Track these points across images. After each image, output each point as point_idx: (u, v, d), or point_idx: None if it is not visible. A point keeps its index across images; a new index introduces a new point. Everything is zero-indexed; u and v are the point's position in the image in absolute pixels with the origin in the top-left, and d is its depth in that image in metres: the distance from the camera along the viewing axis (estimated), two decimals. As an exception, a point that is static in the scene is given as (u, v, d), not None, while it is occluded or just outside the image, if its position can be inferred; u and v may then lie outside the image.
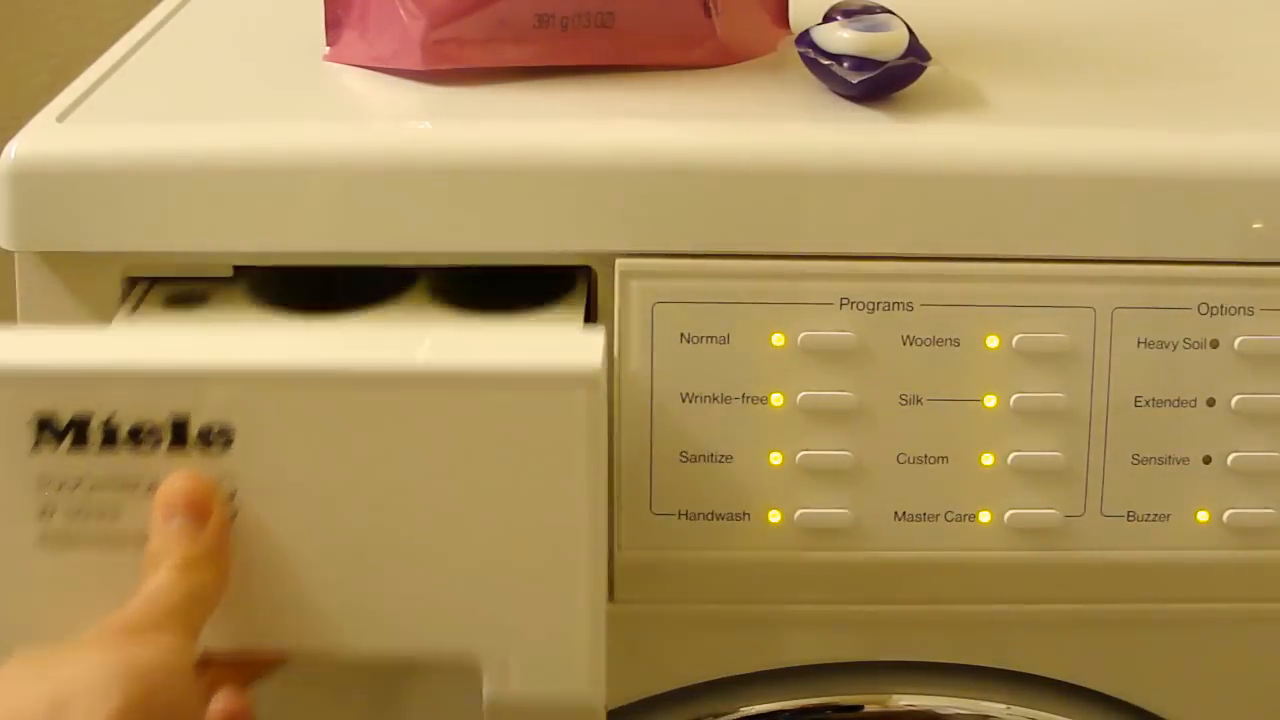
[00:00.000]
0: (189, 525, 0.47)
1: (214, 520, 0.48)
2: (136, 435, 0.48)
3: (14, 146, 0.55)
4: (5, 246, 0.56)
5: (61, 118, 0.57)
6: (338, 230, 0.55)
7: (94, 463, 0.48)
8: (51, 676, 0.42)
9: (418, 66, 0.61)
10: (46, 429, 0.48)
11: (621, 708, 0.60)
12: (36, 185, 0.55)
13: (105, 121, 0.58)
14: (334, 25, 0.65)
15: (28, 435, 0.48)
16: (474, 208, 0.55)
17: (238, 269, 0.57)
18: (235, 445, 0.48)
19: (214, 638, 0.47)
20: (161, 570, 0.46)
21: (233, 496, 0.48)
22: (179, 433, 0.48)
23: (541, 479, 0.48)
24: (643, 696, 0.60)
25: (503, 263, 0.57)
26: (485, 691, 0.50)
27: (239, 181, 0.55)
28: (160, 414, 0.48)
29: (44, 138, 0.56)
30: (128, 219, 0.55)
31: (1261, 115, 0.61)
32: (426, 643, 0.50)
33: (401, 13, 0.61)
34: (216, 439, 0.48)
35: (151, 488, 0.48)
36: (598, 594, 0.50)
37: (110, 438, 0.48)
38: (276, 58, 0.66)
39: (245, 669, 0.50)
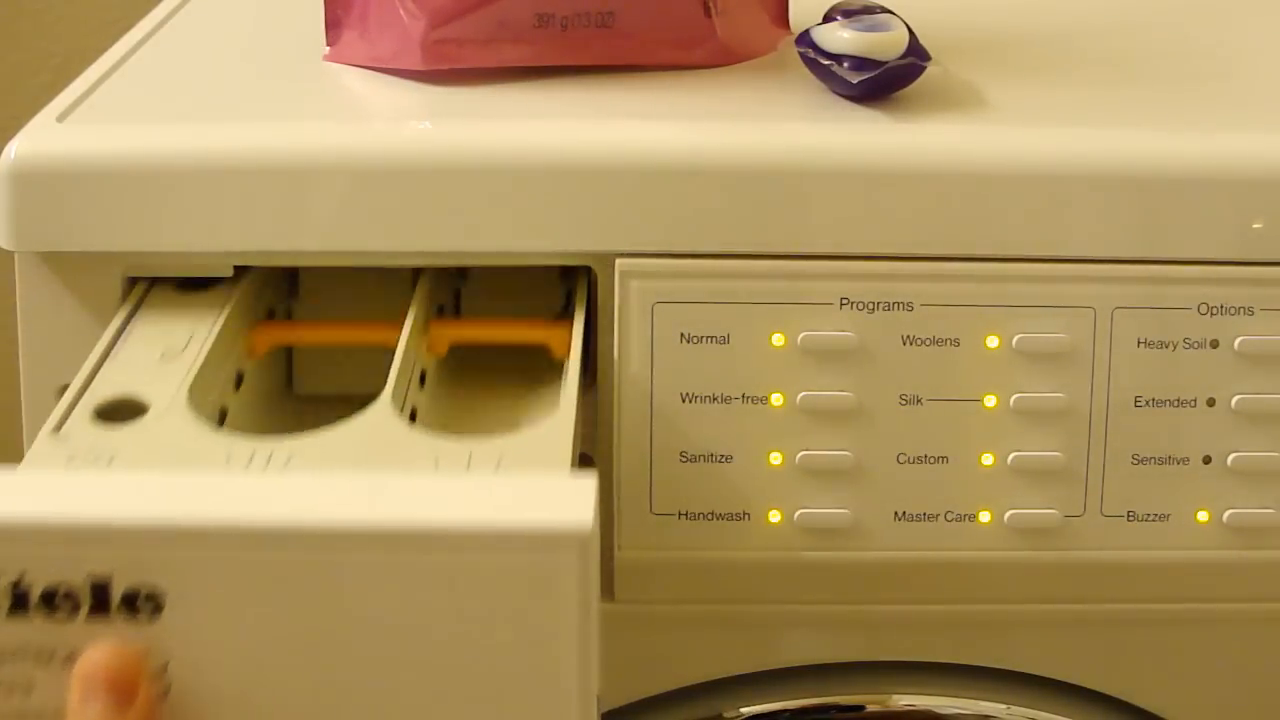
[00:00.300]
0: (111, 707, 0.40)
1: (140, 700, 0.41)
2: (51, 599, 0.40)
3: (14, 146, 0.55)
4: (5, 246, 0.56)
5: (61, 118, 0.57)
6: (338, 230, 0.55)
7: (1, 630, 0.41)
8: None
9: (418, 66, 0.61)
10: None
11: (621, 708, 0.60)
12: (36, 185, 0.55)
13: (105, 121, 0.58)
14: (334, 25, 0.65)
15: None
16: (474, 208, 0.55)
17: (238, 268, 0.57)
18: (165, 612, 0.41)
19: None
20: None
21: (164, 670, 0.41)
22: (100, 597, 0.41)
23: (523, 650, 0.41)
24: (643, 696, 0.60)
25: (503, 263, 0.57)
26: None
27: (239, 181, 0.55)
28: (78, 575, 0.40)
29: (44, 138, 0.56)
30: (128, 219, 0.55)
31: (1261, 115, 0.61)
32: None
33: (401, 13, 0.61)
34: (144, 605, 0.41)
35: (69, 659, 0.41)
36: None
37: (20, 602, 0.40)
38: (276, 58, 0.66)
39: None
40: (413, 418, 0.52)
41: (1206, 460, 0.57)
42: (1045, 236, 0.55)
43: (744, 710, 0.60)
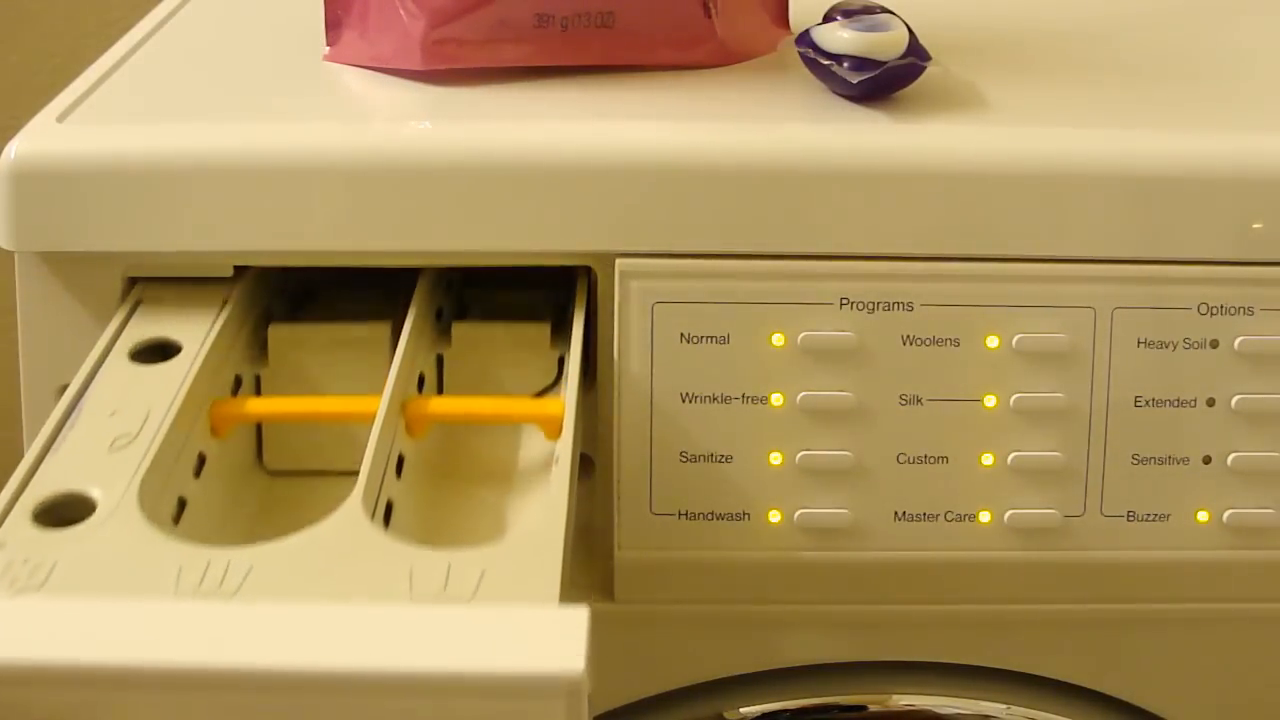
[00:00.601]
0: None
1: None
2: None
3: (14, 146, 0.55)
4: (5, 246, 0.56)
5: (61, 118, 0.57)
6: (338, 230, 0.55)
7: None
8: None
9: (418, 66, 0.61)
10: None
11: (621, 708, 0.60)
12: (36, 185, 0.55)
13: (105, 121, 0.58)
14: (334, 25, 0.65)
15: None
16: (474, 208, 0.55)
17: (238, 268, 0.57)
18: None
19: None
20: None
21: None
22: None
23: None
24: (643, 696, 0.60)
25: (503, 263, 0.57)
26: None
27: (239, 181, 0.55)
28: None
29: (44, 138, 0.56)
30: (128, 219, 0.55)
31: (1261, 115, 0.61)
32: None
33: (401, 13, 0.61)
34: None
35: None
36: None
37: None
38: (276, 58, 0.66)
39: None
40: (388, 514, 0.48)
41: (1206, 460, 0.57)
42: (1045, 236, 0.55)
43: (744, 710, 0.60)
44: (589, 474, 0.58)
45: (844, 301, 0.55)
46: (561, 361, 0.58)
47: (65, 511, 0.45)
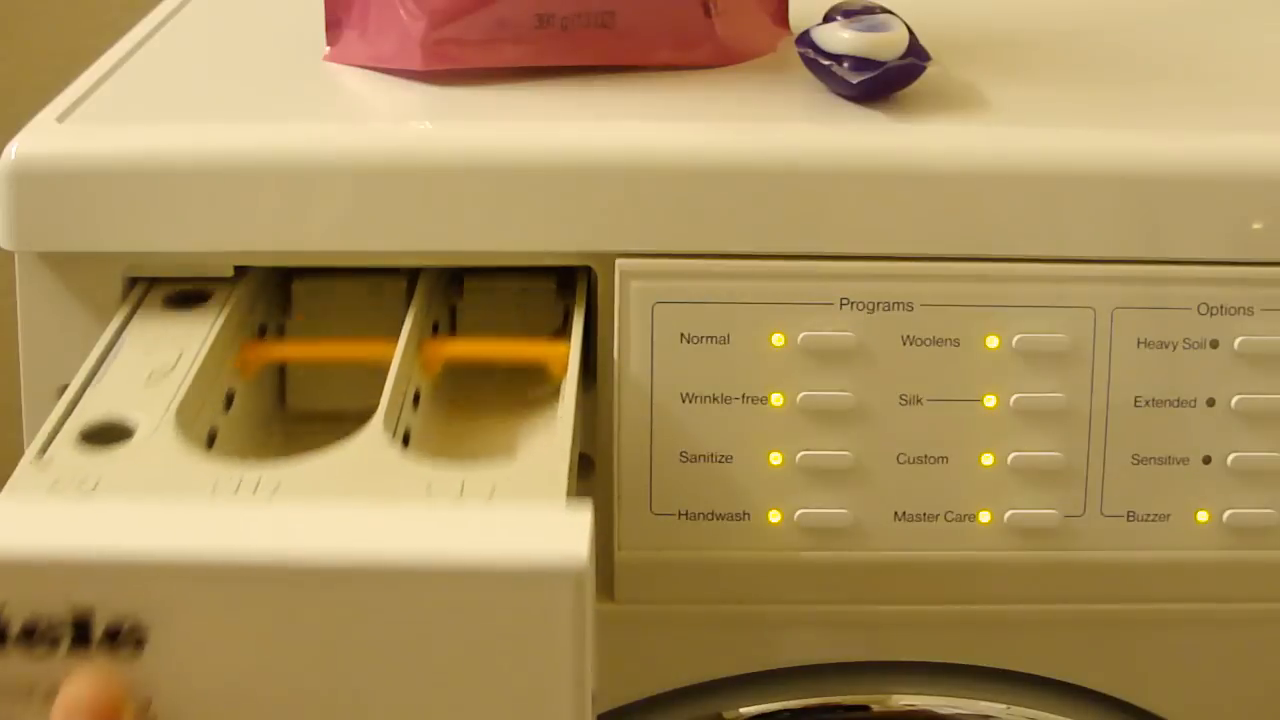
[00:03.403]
0: None
1: None
2: (31, 634, 0.39)
3: (14, 146, 0.55)
4: (5, 246, 0.56)
5: (61, 118, 0.57)
6: (338, 230, 0.55)
7: None
8: None
9: (418, 66, 0.61)
10: None
11: (621, 708, 0.60)
12: (36, 185, 0.55)
13: (105, 121, 0.58)
14: (334, 25, 0.65)
15: None
16: (474, 208, 0.55)
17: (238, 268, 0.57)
18: (149, 647, 0.39)
19: None
20: None
21: (147, 707, 0.40)
22: (82, 631, 0.39)
23: (514, 685, 0.40)
24: (643, 696, 0.60)
25: (503, 263, 0.57)
26: None
27: (239, 181, 0.55)
28: (59, 609, 0.39)
29: (44, 138, 0.56)
30: (128, 219, 0.55)
31: (1261, 115, 0.61)
32: None
33: (401, 13, 0.61)
34: (126, 639, 0.39)
35: (49, 695, 0.39)
36: None
37: None
38: (276, 58, 0.66)
39: None
40: (406, 440, 0.51)
41: (1206, 460, 0.57)
42: (1045, 236, 0.55)
43: (744, 710, 0.60)
44: (589, 474, 0.58)
45: (844, 301, 0.55)
46: (568, 312, 0.58)
47: (107, 435, 0.49)
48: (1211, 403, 0.56)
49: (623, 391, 0.56)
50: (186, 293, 0.56)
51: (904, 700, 0.61)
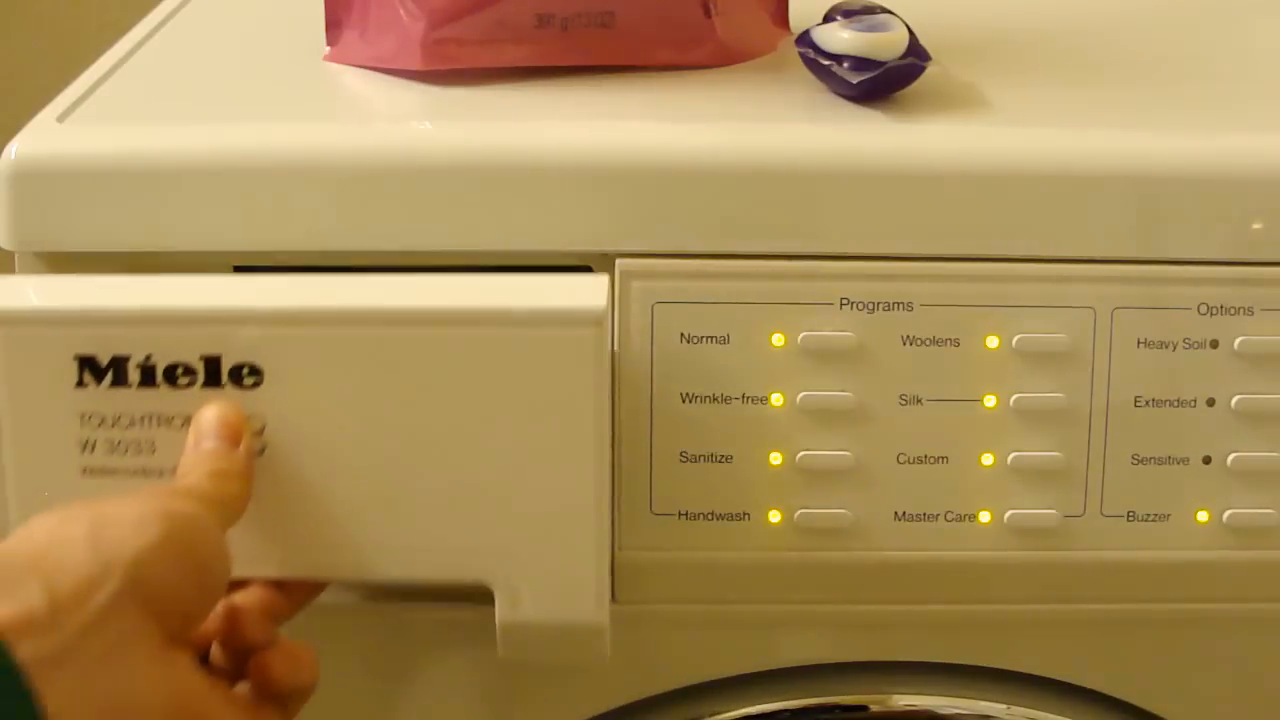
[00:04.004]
0: (221, 446, 0.50)
1: (244, 445, 0.50)
2: (172, 374, 0.50)
3: (14, 146, 0.55)
4: (5, 246, 0.56)
5: (61, 118, 0.57)
6: (338, 230, 0.55)
7: (132, 399, 0.51)
8: (95, 509, 0.44)
9: (418, 66, 0.61)
10: (88, 368, 0.50)
11: (621, 708, 0.60)
12: (36, 185, 0.55)
13: (105, 121, 0.58)
14: (334, 25, 0.65)
15: (71, 373, 0.50)
16: (474, 208, 0.55)
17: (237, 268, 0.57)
18: (265, 383, 0.51)
19: (241, 567, 0.49)
20: (192, 475, 0.49)
21: (261, 431, 0.51)
22: (212, 371, 0.51)
23: (550, 413, 0.51)
24: (642, 696, 0.60)
25: (503, 262, 0.56)
26: (498, 615, 0.53)
27: (239, 181, 0.55)
28: (194, 354, 0.50)
29: (44, 138, 0.56)
30: (128, 219, 0.55)
31: (1261, 115, 0.61)
32: (443, 571, 0.53)
33: (401, 13, 0.61)
34: (247, 377, 0.51)
35: (186, 423, 0.50)
36: (602, 525, 0.52)
37: (148, 376, 0.50)
38: (276, 58, 0.66)
39: (272, 606, 0.52)
40: None
41: (1206, 460, 0.57)
42: (1045, 236, 0.55)
43: (744, 710, 0.60)
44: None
45: (844, 301, 0.55)
46: None
47: None
48: (1211, 403, 0.56)
49: (623, 391, 0.56)
50: None
51: (904, 700, 0.61)
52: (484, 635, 0.55)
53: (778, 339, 0.56)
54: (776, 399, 0.56)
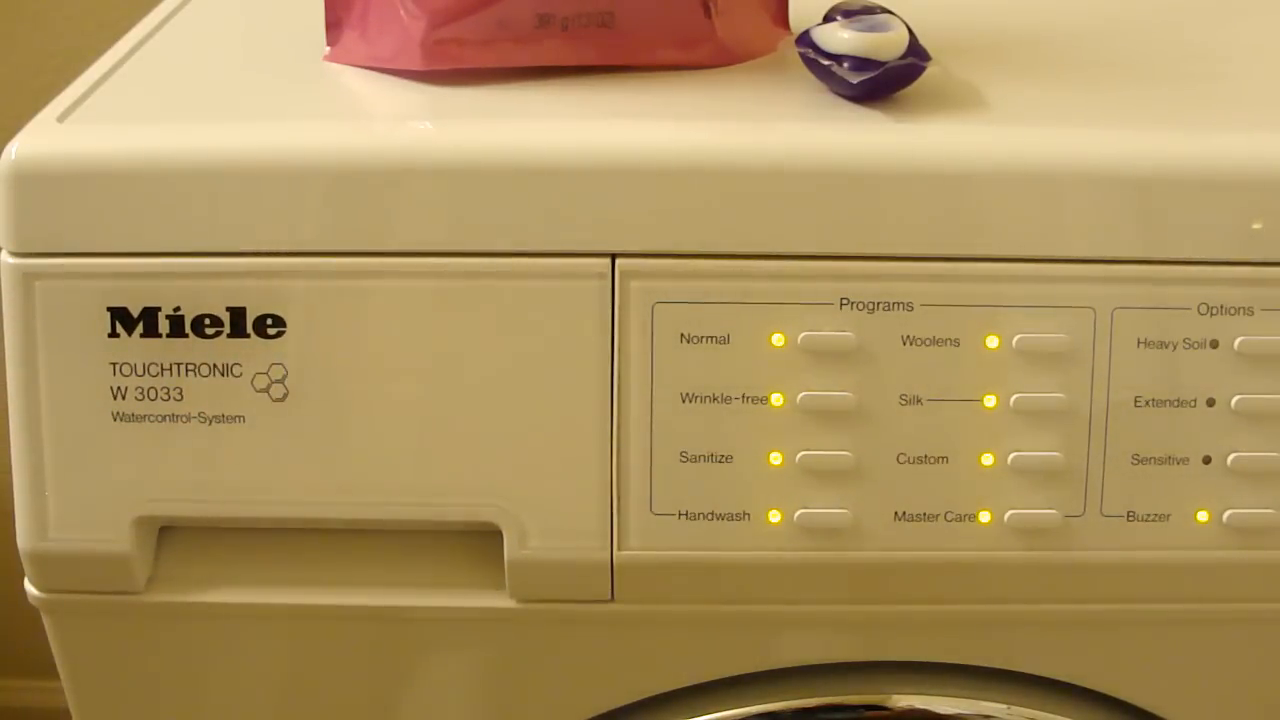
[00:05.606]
0: None
1: None
2: (200, 325, 0.54)
3: (14, 147, 0.55)
4: (5, 246, 0.56)
5: (62, 118, 0.57)
6: (338, 230, 0.55)
7: (162, 349, 0.55)
8: None
9: (418, 66, 0.61)
10: (119, 319, 0.54)
11: (622, 708, 0.60)
12: (37, 185, 0.55)
13: (105, 121, 0.58)
14: (334, 25, 0.65)
15: (104, 323, 0.54)
16: (474, 208, 0.55)
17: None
18: (287, 332, 0.55)
19: (260, 509, 0.54)
20: None
21: (283, 379, 0.55)
22: (237, 322, 0.55)
23: (559, 359, 0.55)
24: (643, 696, 0.60)
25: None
26: (506, 552, 0.56)
27: (239, 181, 0.55)
28: (221, 305, 0.54)
29: (44, 138, 0.56)
30: (128, 219, 0.55)
31: (1261, 115, 0.61)
32: (455, 513, 0.56)
33: (402, 13, 0.61)
34: (271, 328, 0.55)
35: (212, 371, 0.55)
36: (605, 467, 0.55)
37: (177, 327, 0.54)
38: (276, 58, 0.66)
39: None
40: None
41: (1206, 460, 0.57)
42: (1045, 236, 0.55)
43: (744, 710, 0.60)
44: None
45: (844, 301, 0.55)
46: None
47: None
48: (1211, 403, 0.56)
49: (623, 391, 0.56)
50: None
51: (904, 700, 0.61)
52: (484, 635, 0.55)
53: (778, 339, 0.56)
54: (776, 399, 0.56)
